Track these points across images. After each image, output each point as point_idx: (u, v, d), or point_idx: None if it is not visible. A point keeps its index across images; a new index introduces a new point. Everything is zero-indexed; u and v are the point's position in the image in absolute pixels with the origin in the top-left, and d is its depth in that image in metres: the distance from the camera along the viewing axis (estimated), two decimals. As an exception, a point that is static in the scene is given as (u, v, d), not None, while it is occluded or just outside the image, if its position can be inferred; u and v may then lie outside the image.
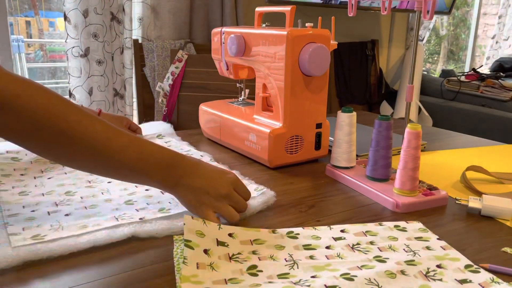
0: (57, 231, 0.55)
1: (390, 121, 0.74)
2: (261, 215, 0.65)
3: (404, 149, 0.69)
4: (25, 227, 0.57)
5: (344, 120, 0.80)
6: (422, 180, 0.75)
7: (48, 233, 0.55)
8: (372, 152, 0.75)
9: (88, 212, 0.62)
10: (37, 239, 0.53)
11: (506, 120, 2.34)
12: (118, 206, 0.64)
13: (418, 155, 0.68)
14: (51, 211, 0.62)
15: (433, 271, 0.50)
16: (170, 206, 0.64)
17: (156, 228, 0.57)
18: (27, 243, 0.52)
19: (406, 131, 0.68)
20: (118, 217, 0.60)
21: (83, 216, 0.60)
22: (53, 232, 0.55)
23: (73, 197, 0.68)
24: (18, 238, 0.53)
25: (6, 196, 0.67)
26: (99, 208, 0.64)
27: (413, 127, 0.68)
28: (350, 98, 2.72)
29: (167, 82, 1.75)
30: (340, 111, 0.80)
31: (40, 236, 0.54)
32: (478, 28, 3.65)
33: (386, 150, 0.74)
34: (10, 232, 0.55)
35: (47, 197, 0.68)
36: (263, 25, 0.96)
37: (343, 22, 2.64)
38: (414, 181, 0.69)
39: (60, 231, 0.55)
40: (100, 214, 0.61)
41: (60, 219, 0.59)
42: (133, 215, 0.61)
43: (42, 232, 0.55)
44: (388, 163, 0.74)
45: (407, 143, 0.68)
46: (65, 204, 0.65)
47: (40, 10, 2.95)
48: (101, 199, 0.67)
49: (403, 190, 0.69)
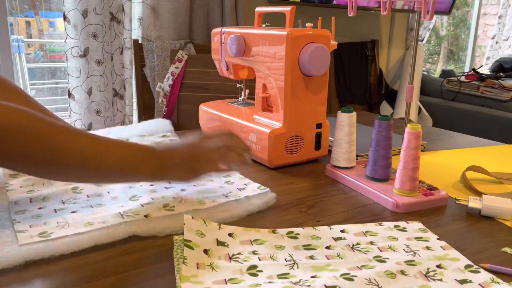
0: (64, 229, 0.56)
1: (390, 121, 0.74)
2: (261, 215, 0.65)
3: (404, 149, 0.69)
4: (32, 224, 0.57)
5: (344, 120, 0.80)
6: (422, 180, 0.75)
7: (54, 230, 0.55)
8: (372, 152, 0.75)
9: (94, 210, 0.63)
10: (44, 236, 0.54)
11: (505, 120, 2.34)
12: (124, 203, 0.65)
13: (418, 155, 0.68)
14: (58, 209, 0.63)
15: (433, 271, 0.50)
16: (174, 203, 0.65)
17: (156, 227, 0.57)
18: (33, 241, 0.52)
19: (406, 131, 0.68)
20: (124, 213, 0.60)
21: (89, 213, 0.61)
22: (60, 230, 0.56)
23: (79, 195, 0.68)
24: (25, 235, 0.54)
25: (13, 195, 0.68)
26: (105, 206, 0.64)
27: (413, 127, 0.68)
28: (350, 98, 2.72)
29: (167, 82, 1.75)
30: (340, 111, 0.80)
31: (46, 234, 0.54)
32: (478, 28, 3.65)
33: (386, 150, 0.74)
34: (17, 229, 0.56)
35: (54, 195, 0.68)
36: (263, 25, 0.96)
37: (343, 22, 2.64)
38: (414, 181, 0.69)
39: (66, 228, 0.56)
40: (106, 212, 0.62)
41: (66, 216, 0.60)
42: (138, 211, 0.61)
43: (49, 230, 0.56)
44: (388, 163, 0.74)
45: (407, 143, 0.68)
46: (71, 202, 0.65)
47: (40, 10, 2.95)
48: (107, 198, 0.68)
49: (403, 190, 0.69)
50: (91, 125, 1.74)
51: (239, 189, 0.72)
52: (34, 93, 2.94)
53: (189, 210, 0.63)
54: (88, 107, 1.72)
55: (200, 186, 0.73)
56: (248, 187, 0.73)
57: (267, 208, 0.68)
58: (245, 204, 0.67)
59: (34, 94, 2.96)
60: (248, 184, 0.75)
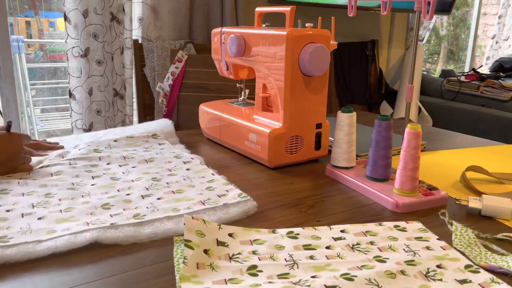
0: (25, 234, 0.55)
1: (390, 121, 0.74)
2: (261, 215, 0.65)
3: (404, 149, 0.69)
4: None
5: (344, 120, 0.80)
6: (422, 180, 0.75)
7: (15, 235, 0.54)
8: (372, 152, 0.75)
9: (62, 216, 0.61)
10: (2, 241, 0.53)
11: (506, 120, 2.34)
12: (94, 210, 0.63)
13: (418, 155, 0.68)
14: (26, 213, 0.61)
15: (433, 271, 0.50)
16: (146, 212, 0.62)
17: (119, 235, 0.56)
18: None
19: (406, 131, 0.68)
20: (90, 222, 0.58)
21: (55, 221, 0.59)
22: (20, 236, 0.54)
23: (51, 199, 0.66)
24: None
25: None
26: (74, 211, 0.62)
27: (413, 127, 0.68)
28: (350, 98, 2.72)
29: (167, 82, 1.75)
30: (340, 111, 0.80)
31: (5, 239, 0.53)
32: (478, 28, 3.65)
33: (386, 150, 0.74)
34: None
35: (26, 197, 0.67)
36: (263, 25, 0.96)
37: (343, 22, 2.64)
38: (414, 181, 0.69)
39: (28, 234, 0.55)
40: (73, 219, 0.60)
41: (31, 222, 0.58)
42: (106, 220, 0.59)
43: (9, 234, 0.54)
44: (388, 163, 0.74)
45: (407, 143, 0.68)
46: (41, 206, 0.64)
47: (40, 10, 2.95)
48: (79, 202, 0.65)
49: (403, 190, 0.69)
50: (92, 125, 1.74)
51: (219, 195, 0.69)
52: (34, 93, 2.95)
53: (161, 217, 0.60)
54: (89, 107, 1.72)
55: (178, 194, 0.70)
56: (228, 194, 0.70)
57: (268, 208, 0.68)
58: (221, 212, 0.64)
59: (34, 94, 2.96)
60: (229, 190, 0.71)
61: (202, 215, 0.62)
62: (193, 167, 0.82)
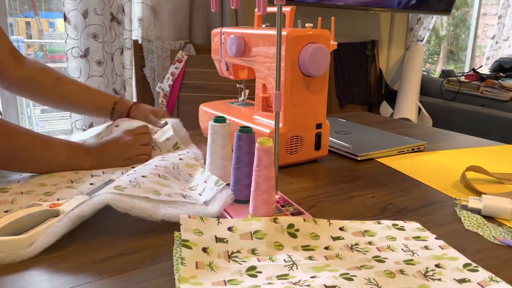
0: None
1: (251, 134, 0.64)
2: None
3: (255, 169, 0.58)
4: None
5: (217, 131, 0.71)
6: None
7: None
8: (234, 170, 0.64)
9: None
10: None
11: (505, 120, 2.34)
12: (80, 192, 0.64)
13: (272, 175, 0.57)
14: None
15: (432, 270, 0.50)
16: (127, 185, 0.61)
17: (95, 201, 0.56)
18: None
19: (256, 147, 0.58)
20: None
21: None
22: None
23: (49, 197, 0.66)
24: None
25: None
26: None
27: (263, 143, 0.56)
28: (350, 98, 2.72)
29: (167, 83, 1.75)
30: (212, 121, 0.71)
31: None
32: (478, 28, 3.66)
33: (248, 167, 0.62)
34: None
35: (24, 196, 0.67)
36: (263, 25, 0.96)
37: (343, 22, 2.64)
38: (270, 205, 0.58)
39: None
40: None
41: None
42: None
43: None
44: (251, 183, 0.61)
45: (258, 161, 0.57)
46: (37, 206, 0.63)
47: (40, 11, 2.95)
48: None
49: (257, 216, 0.58)
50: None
51: (200, 193, 0.67)
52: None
53: (139, 196, 0.59)
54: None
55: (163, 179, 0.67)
56: (207, 185, 0.67)
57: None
58: (200, 209, 0.61)
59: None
60: (207, 179, 0.69)
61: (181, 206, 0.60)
62: (186, 159, 0.80)
